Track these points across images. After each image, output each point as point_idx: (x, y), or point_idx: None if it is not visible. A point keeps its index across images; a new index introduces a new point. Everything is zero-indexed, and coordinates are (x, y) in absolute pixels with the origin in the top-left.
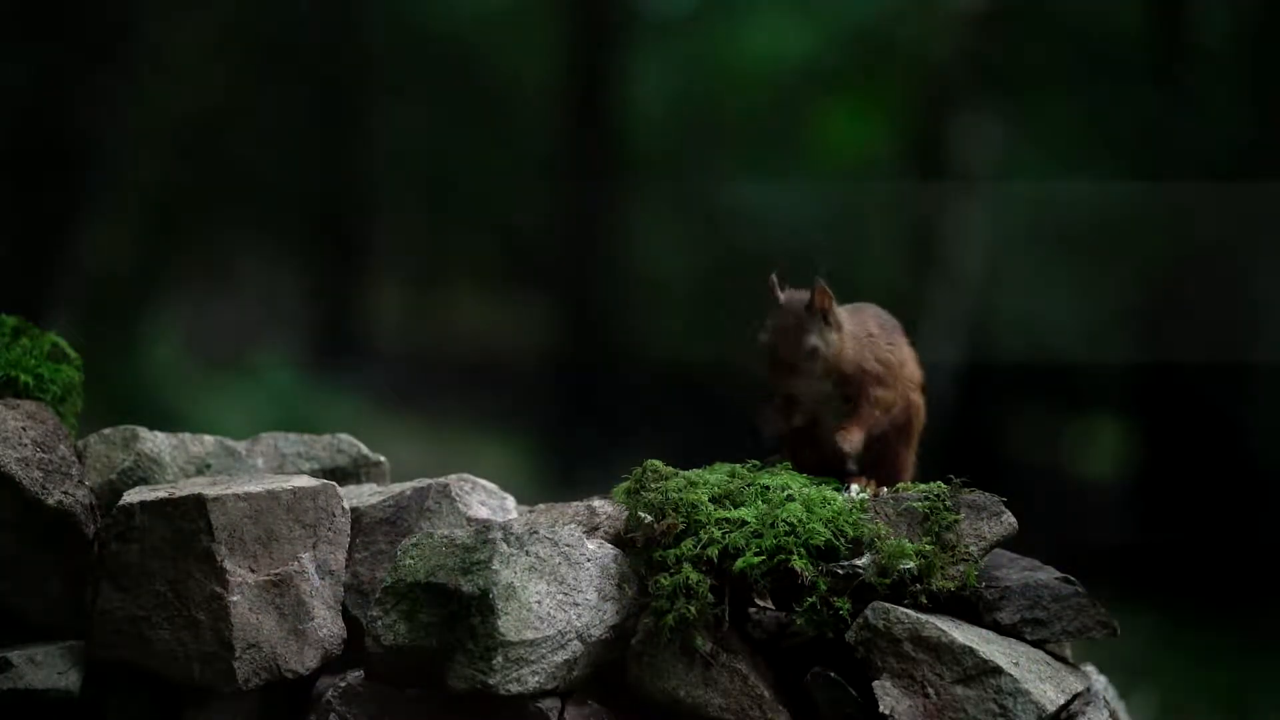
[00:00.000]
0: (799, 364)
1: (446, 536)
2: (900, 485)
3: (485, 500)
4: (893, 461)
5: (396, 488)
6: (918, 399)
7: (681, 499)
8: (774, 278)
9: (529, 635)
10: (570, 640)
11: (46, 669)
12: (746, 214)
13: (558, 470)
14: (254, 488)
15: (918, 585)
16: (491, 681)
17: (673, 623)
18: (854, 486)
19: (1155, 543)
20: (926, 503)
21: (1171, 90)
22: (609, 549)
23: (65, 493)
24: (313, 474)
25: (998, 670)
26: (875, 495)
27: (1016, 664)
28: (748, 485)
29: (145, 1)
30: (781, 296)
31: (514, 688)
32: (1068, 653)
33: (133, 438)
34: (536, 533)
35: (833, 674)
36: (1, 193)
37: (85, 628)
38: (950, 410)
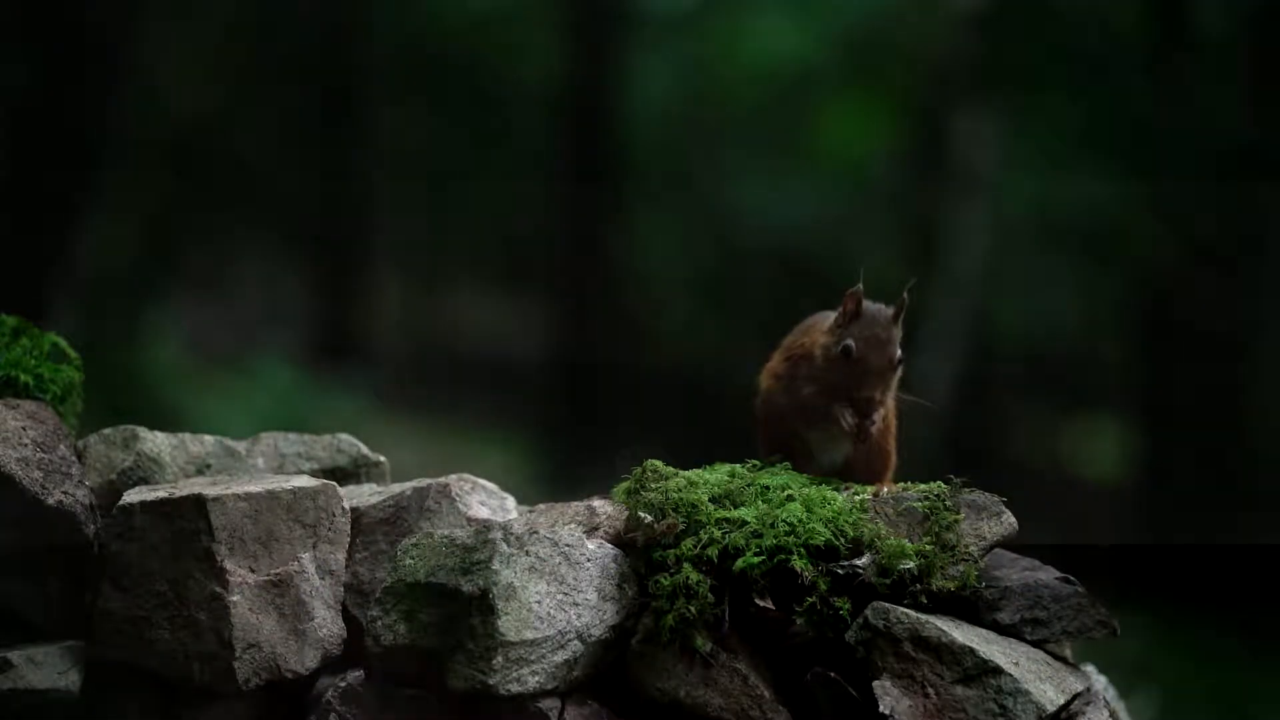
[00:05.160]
0: (888, 371)
1: (446, 536)
2: (901, 485)
3: (485, 500)
4: (884, 457)
5: (396, 488)
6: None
7: (681, 499)
8: (860, 288)
9: (529, 635)
10: (570, 640)
11: (46, 669)
12: (746, 213)
13: (558, 470)
14: (254, 488)
15: (918, 585)
16: (491, 681)
17: (673, 623)
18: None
19: (1155, 543)
20: (926, 503)
21: (1172, 89)
22: (609, 549)
23: (65, 493)
24: (313, 474)
25: (998, 670)
26: (875, 495)
27: (1016, 664)
28: (748, 485)
29: (145, 2)
30: (866, 306)
31: (514, 688)
32: (1068, 653)
33: (133, 438)
34: (536, 533)
35: (833, 674)
36: (1, 192)
37: (85, 628)
38: (950, 410)
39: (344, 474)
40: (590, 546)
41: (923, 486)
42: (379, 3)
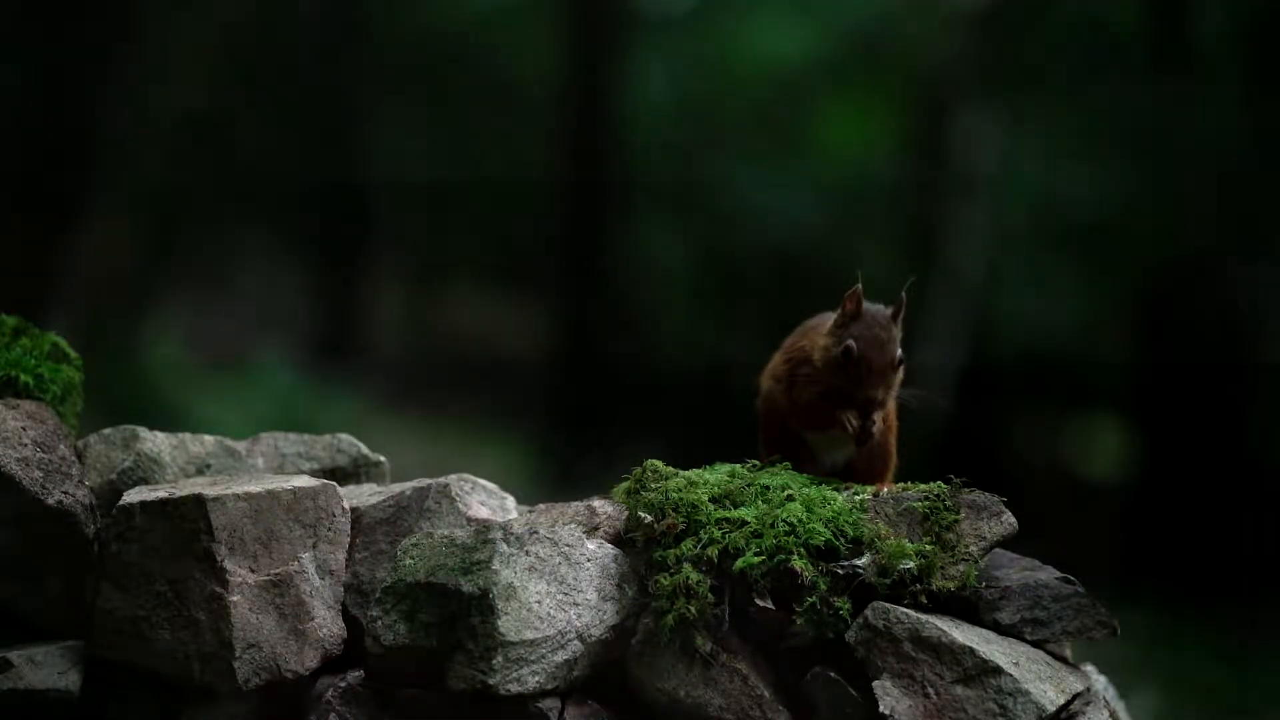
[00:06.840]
0: (889, 372)
1: (446, 536)
2: (901, 485)
3: (485, 500)
4: (885, 457)
5: (396, 488)
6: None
7: (681, 499)
8: (859, 289)
9: (529, 635)
10: (570, 640)
11: (46, 669)
12: (747, 213)
13: (558, 470)
14: (254, 488)
15: (918, 585)
16: (491, 681)
17: (673, 623)
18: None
19: (1155, 542)
20: (926, 503)
21: (1171, 90)
22: (609, 549)
23: (65, 493)
24: (313, 474)
25: (998, 670)
26: (876, 495)
27: (1016, 664)
28: (748, 485)
29: (145, 1)
30: (865, 307)
31: (514, 688)
32: (1068, 653)
33: (133, 438)
34: (536, 533)
35: (833, 674)
36: (2, 193)
37: (85, 628)
38: (951, 410)
39: (344, 474)
40: (590, 546)
41: (923, 486)
42: (379, 3)
